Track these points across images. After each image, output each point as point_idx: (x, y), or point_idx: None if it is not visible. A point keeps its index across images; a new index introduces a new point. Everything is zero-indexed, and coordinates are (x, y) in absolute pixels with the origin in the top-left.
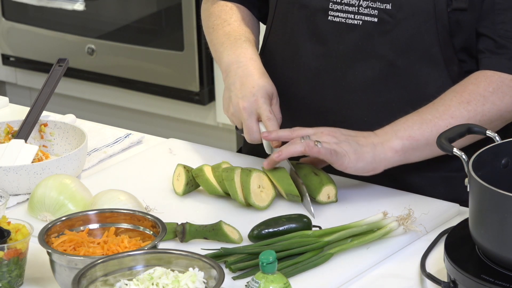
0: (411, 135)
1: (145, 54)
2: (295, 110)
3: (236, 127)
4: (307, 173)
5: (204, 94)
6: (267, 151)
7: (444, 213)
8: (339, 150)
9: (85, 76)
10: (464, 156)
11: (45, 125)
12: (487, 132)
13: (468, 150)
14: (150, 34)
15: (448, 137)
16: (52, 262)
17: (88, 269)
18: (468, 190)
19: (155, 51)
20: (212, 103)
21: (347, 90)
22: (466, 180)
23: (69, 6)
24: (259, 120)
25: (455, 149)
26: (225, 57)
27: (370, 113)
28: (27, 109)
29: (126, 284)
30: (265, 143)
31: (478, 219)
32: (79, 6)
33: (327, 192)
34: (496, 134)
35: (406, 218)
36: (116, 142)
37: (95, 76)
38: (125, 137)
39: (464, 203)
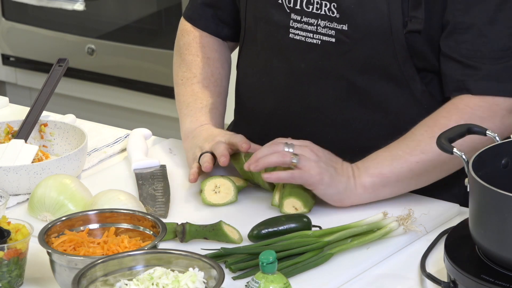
0: (381, 172)
1: (145, 54)
2: (264, 123)
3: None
4: (277, 184)
5: None
6: None
7: (444, 213)
8: (314, 171)
9: (85, 76)
10: (464, 156)
11: (45, 125)
12: (487, 132)
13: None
14: (150, 34)
15: (448, 137)
16: (52, 262)
17: (88, 269)
18: (468, 190)
19: (155, 51)
20: None
21: (311, 108)
22: (466, 180)
23: (69, 6)
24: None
25: (455, 149)
26: (187, 123)
27: (333, 131)
28: (27, 109)
29: (126, 284)
30: None
31: (478, 219)
32: (79, 6)
33: (291, 204)
34: (496, 134)
35: (406, 218)
36: (116, 142)
37: (95, 76)
38: (125, 137)
39: (464, 203)
